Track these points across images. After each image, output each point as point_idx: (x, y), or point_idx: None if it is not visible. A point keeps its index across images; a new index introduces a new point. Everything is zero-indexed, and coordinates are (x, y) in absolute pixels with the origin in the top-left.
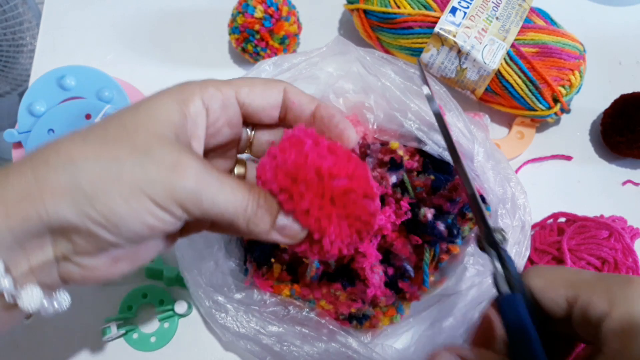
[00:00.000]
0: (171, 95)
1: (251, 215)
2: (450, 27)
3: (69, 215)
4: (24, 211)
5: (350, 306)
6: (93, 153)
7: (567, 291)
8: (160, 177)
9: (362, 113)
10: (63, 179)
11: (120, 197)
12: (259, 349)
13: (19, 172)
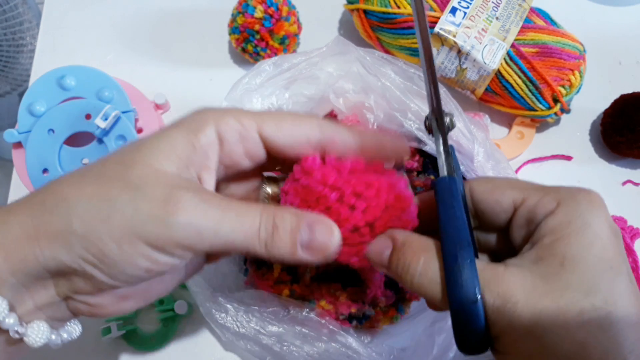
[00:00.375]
0: (182, 125)
1: (267, 238)
2: (450, 27)
3: (64, 257)
4: (22, 253)
5: (350, 306)
6: (86, 192)
7: (516, 193)
8: (153, 215)
9: (362, 113)
10: (57, 220)
11: (112, 240)
12: (259, 349)
13: (18, 213)
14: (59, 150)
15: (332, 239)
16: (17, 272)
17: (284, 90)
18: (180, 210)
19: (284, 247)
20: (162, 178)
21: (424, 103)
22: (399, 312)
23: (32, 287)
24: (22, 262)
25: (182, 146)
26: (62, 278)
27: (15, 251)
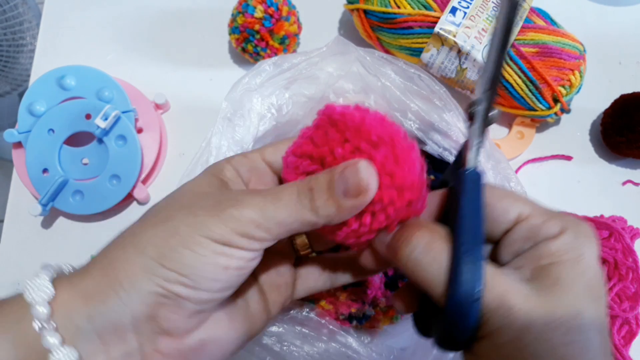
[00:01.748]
0: (207, 171)
1: (310, 203)
2: (451, 27)
3: (144, 284)
4: (102, 293)
5: (350, 306)
6: (149, 223)
7: (524, 207)
8: (209, 216)
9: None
10: (132, 254)
11: (184, 247)
12: (259, 349)
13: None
14: (59, 150)
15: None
16: (95, 317)
17: (284, 90)
18: (229, 206)
19: (328, 204)
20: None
21: (424, 103)
22: (399, 312)
23: (107, 337)
24: (102, 303)
25: (216, 181)
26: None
27: (95, 294)
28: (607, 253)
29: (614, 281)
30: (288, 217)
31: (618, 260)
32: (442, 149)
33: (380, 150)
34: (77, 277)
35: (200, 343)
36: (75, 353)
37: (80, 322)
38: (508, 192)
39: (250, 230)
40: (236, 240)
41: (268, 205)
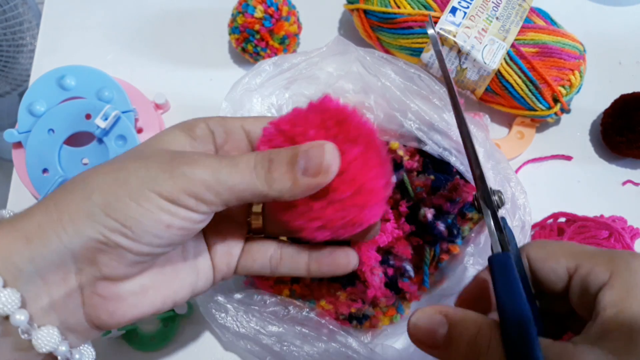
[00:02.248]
0: (177, 126)
1: (265, 174)
2: (450, 27)
3: (87, 230)
4: (44, 237)
5: (350, 306)
6: (103, 170)
7: (569, 261)
8: (161, 170)
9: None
10: (77, 197)
11: (130, 199)
12: (259, 349)
13: (41, 203)
14: (59, 150)
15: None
16: (37, 258)
17: (284, 90)
18: (183, 164)
19: (285, 178)
20: (168, 150)
21: (424, 103)
22: (398, 312)
23: (49, 278)
24: (43, 245)
25: (184, 139)
26: (86, 263)
27: (36, 236)
28: None
29: None
30: (240, 184)
31: None
32: (442, 149)
33: (354, 149)
34: (19, 219)
35: (141, 288)
36: (18, 294)
37: (21, 264)
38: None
39: (199, 191)
40: (184, 199)
41: (222, 168)
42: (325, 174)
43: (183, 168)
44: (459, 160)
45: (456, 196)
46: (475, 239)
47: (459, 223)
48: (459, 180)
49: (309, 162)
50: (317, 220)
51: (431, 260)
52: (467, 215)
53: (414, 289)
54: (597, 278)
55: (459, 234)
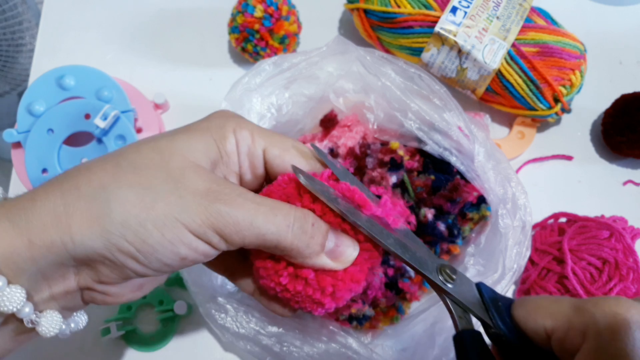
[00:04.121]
0: (209, 130)
1: (299, 233)
2: (451, 26)
3: (97, 245)
4: (49, 239)
5: (350, 307)
6: (126, 181)
7: (546, 322)
8: (196, 202)
9: (362, 113)
10: (94, 207)
11: (154, 227)
12: (259, 350)
13: (47, 198)
14: (58, 150)
15: (353, 253)
16: (40, 260)
17: (283, 90)
18: (220, 201)
19: (314, 245)
20: (201, 172)
21: (425, 103)
22: (399, 313)
23: (51, 276)
24: (47, 249)
25: (214, 152)
26: (86, 267)
27: (40, 240)
28: (608, 253)
29: (615, 282)
30: (272, 234)
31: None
32: (443, 149)
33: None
34: (20, 212)
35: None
36: (23, 291)
37: (23, 265)
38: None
39: (229, 232)
40: (210, 235)
41: (260, 215)
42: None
43: (220, 206)
44: (459, 160)
45: (456, 196)
46: (475, 239)
47: (459, 223)
48: (459, 180)
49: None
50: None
51: None
52: (468, 215)
53: (414, 290)
54: (571, 343)
55: (459, 234)
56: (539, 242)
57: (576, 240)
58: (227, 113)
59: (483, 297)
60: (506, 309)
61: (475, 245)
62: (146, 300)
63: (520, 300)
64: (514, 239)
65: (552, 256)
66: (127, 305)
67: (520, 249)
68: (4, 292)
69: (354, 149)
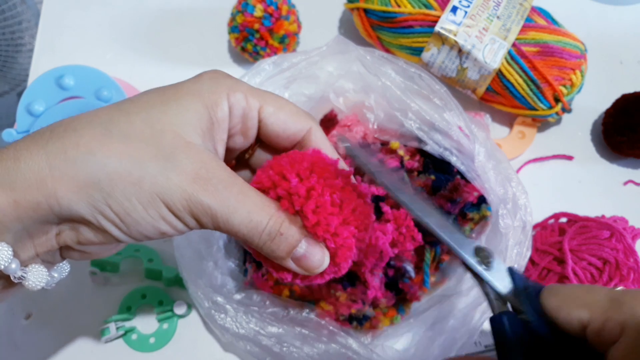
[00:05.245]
0: (201, 95)
1: (267, 240)
2: (451, 26)
3: (82, 210)
4: (34, 200)
5: (350, 307)
6: (116, 151)
7: (580, 313)
8: (181, 187)
9: (362, 112)
10: (82, 172)
11: (138, 202)
12: (259, 350)
13: (31, 158)
14: None
15: (319, 264)
16: (25, 219)
17: (283, 90)
18: (204, 192)
19: (278, 252)
20: (192, 151)
21: (425, 102)
22: (399, 313)
23: (35, 234)
24: (32, 209)
25: (205, 120)
26: (69, 228)
27: (26, 197)
28: (609, 253)
29: (616, 282)
30: (241, 233)
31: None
32: (443, 149)
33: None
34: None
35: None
36: (10, 249)
37: (9, 224)
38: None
39: (205, 220)
40: (188, 218)
41: (237, 214)
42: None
43: (202, 197)
44: (459, 160)
45: (457, 196)
46: (476, 239)
47: (459, 223)
48: (459, 180)
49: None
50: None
51: (432, 260)
52: (468, 215)
53: (415, 290)
54: (609, 334)
55: None
56: (539, 242)
57: (577, 241)
58: (218, 74)
59: (515, 281)
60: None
61: None
62: (146, 301)
63: (551, 289)
64: (515, 239)
65: (553, 256)
66: (126, 305)
67: (521, 249)
68: None
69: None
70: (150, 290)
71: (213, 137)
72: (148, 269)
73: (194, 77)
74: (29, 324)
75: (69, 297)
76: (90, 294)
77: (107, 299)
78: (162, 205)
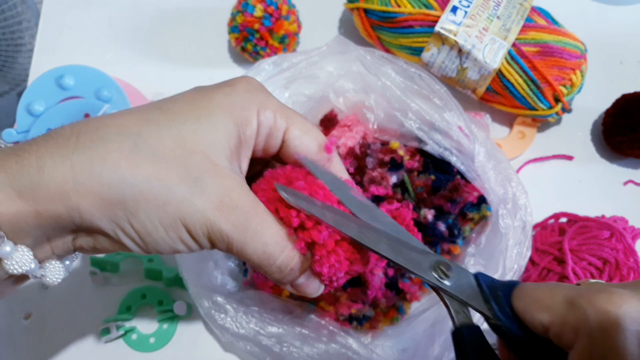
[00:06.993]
0: (232, 111)
1: (276, 272)
2: (451, 26)
3: (104, 225)
4: (56, 212)
5: (350, 307)
6: (144, 171)
7: (542, 316)
8: (204, 214)
9: (362, 112)
10: (107, 190)
11: (161, 224)
12: (259, 350)
13: (56, 169)
14: None
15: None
16: (45, 227)
17: (283, 90)
18: (227, 221)
19: (283, 280)
20: (218, 176)
21: (425, 102)
22: (399, 313)
23: (53, 238)
24: (54, 219)
25: (234, 139)
26: (86, 235)
27: (48, 209)
28: (609, 253)
29: (616, 282)
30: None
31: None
32: (443, 149)
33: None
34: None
35: None
36: (30, 251)
37: (30, 230)
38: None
39: (221, 245)
40: (204, 242)
41: (251, 246)
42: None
43: (223, 226)
44: (459, 160)
45: (457, 196)
46: (476, 239)
47: (459, 223)
48: (459, 180)
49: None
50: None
51: None
52: (468, 215)
53: (415, 290)
54: (566, 339)
55: (459, 235)
56: (539, 242)
57: (577, 241)
58: (252, 86)
59: (482, 288)
60: (506, 298)
61: (476, 246)
62: (146, 301)
63: (519, 291)
64: (515, 239)
65: (553, 256)
66: (126, 305)
67: (521, 249)
68: (13, 257)
69: (354, 148)
70: (150, 290)
71: (239, 155)
72: (148, 269)
73: (226, 84)
74: (29, 324)
75: (69, 297)
76: (90, 294)
77: (107, 299)
78: (183, 229)
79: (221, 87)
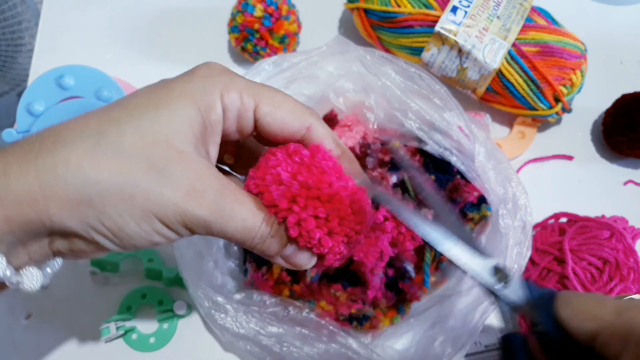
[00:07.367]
0: (194, 96)
1: (259, 242)
2: (451, 26)
3: (75, 226)
4: (26, 216)
5: (350, 307)
6: (107, 167)
7: (590, 325)
8: (175, 202)
9: (363, 112)
10: (73, 190)
11: (131, 218)
12: (259, 350)
13: (21, 174)
14: None
15: (308, 264)
16: (17, 232)
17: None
18: (200, 206)
19: (269, 251)
20: (185, 162)
21: (425, 102)
22: (399, 313)
23: (28, 243)
24: (24, 224)
25: (198, 124)
26: (61, 238)
27: (18, 213)
28: (609, 253)
29: (616, 282)
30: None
31: (619, 260)
32: (443, 149)
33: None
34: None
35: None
36: (3, 257)
37: (2, 236)
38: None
39: (199, 230)
40: (181, 230)
41: (231, 224)
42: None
43: (197, 211)
44: (459, 160)
45: (457, 196)
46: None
47: None
48: (459, 180)
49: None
50: None
51: (432, 260)
52: (468, 215)
53: (415, 290)
54: (615, 348)
55: None
56: (539, 242)
57: (577, 241)
58: (212, 70)
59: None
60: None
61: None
62: (146, 301)
63: (565, 298)
64: (515, 239)
65: (553, 256)
66: (126, 305)
67: (521, 249)
68: None
69: (354, 148)
70: (150, 290)
71: (206, 140)
72: (148, 269)
73: (186, 73)
74: (29, 323)
75: (69, 297)
76: (90, 294)
77: (107, 299)
78: (156, 220)
79: (181, 76)
